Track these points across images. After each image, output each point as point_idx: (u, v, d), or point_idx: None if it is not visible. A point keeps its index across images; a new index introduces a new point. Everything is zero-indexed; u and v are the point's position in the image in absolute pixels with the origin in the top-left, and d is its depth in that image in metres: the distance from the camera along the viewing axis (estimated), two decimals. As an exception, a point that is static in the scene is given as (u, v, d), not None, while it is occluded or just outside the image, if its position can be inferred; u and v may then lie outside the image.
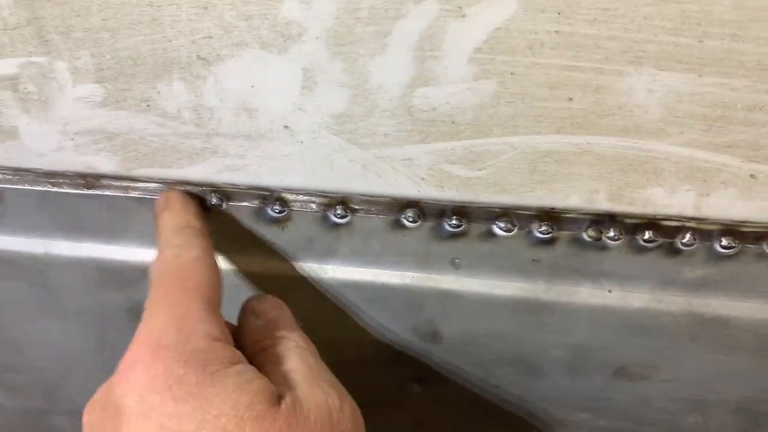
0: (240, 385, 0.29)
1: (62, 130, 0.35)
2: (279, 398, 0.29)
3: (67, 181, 0.38)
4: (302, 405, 0.29)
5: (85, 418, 0.31)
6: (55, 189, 0.39)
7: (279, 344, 0.33)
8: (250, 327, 0.35)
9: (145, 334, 0.30)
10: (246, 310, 0.36)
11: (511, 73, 0.31)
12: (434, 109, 0.32)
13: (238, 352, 0.31)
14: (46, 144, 0.36)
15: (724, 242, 0.36)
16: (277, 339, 0.33)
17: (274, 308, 0.36)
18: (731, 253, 0.36)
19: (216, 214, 0.38)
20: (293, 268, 0.40)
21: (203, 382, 0.28)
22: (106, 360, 0.48)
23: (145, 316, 0.31)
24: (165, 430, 0.27)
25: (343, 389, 0.32)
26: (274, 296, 0.37)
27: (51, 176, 0.38)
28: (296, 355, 0.33)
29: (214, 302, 0.32)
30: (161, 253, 0.34)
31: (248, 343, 0.33)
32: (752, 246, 0.36)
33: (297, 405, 0.29)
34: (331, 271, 0.40)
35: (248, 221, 0.39)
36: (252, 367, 0.30)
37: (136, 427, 0.28)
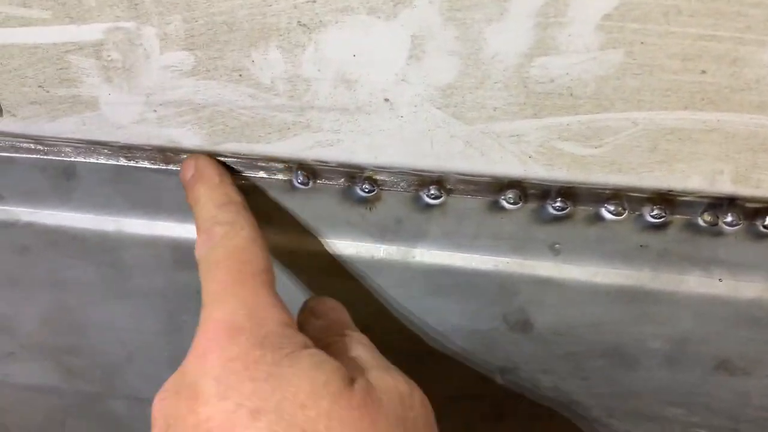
0: (315, 364, 0.28)
1: (146, 101, 0.33)
2: (352, 380, 0.29)
3: (144, 155, 0.37)
4: (374, 388, 0.29)
5: (157, 407, 0.30)
6: (131, 163, 0.37)
7: (343, 340, 0.33)
8: (311, 326, 0.34)
9: (216, 319, 0.29)
10: (305, 311, 0.36)
11: (642, 43, 0.29)
12: (552, 81, 0.30)
13: (309, 339, 0.30)
14: (127, 115, 0.34)
15: None
16: (340, 336, 0.33)
17: (334, 310, 0.36)
18: None
19: (301, 192, 0.36)
20: (379, 251, 0.38)
21: (279, 362, 0.28)
22: (172, 343, 0.46)
23: (210, 299, 0.30)
24: (243, 409, 0.27)
25: (411, 380, 0.31)
26: (332, 299, 0.37)
27: (127, 150, 0.36)
28: (362, 347, 0.33)
29: (274, 286, 0.31)
30: (208, 231, 0.33)
31: (311, 340, 0.32)
32: None
33: (369, 387, 0.29)
34: (419, 255, 0.38)
35: (334, 201, 0.37)
36: (323, 352, 0.30)
37: (213, 408, 0.27)
